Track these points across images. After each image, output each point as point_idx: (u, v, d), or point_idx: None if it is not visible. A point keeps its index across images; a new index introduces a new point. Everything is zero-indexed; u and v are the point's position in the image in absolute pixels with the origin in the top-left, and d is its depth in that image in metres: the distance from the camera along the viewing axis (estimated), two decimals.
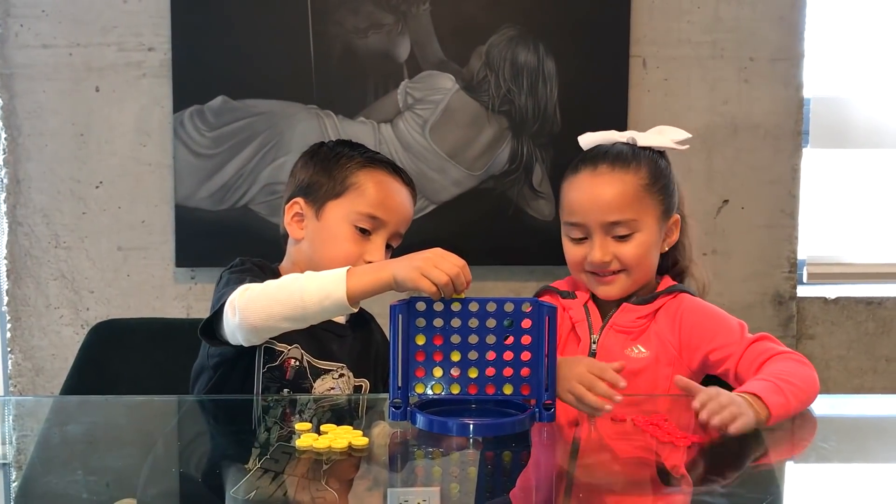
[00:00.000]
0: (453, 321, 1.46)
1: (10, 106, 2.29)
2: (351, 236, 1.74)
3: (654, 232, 1.74)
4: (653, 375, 1.72)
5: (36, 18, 2.27)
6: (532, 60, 2.32)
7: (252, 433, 1.54)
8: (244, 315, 1.54)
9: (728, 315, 1.74)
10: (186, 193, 2.31)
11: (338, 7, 2.28)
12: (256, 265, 1.74)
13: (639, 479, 1.40)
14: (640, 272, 1.74)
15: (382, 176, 1.78)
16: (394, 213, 1.76)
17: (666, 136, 1.80)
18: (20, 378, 2.36)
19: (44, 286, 2.34)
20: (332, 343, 1.75)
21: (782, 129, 2.41)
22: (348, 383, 1.75)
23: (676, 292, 1.76)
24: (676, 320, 1.73)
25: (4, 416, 1.69)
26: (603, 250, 1.72)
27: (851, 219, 2.59)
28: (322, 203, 1.75)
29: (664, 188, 1.77)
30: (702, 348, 1.70)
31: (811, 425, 1.60)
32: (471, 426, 1.44)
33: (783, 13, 2.38)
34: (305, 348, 1.71)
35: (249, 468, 1.36)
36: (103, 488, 1.33)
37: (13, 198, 2.32)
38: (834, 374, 2.50)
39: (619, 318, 1.76)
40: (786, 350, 1.65)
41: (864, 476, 1.47)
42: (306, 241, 1.77)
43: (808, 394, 1.57)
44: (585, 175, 1.75)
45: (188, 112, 2.29)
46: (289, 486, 1.31)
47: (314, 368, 1.72)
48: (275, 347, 1.69)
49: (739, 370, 1.66)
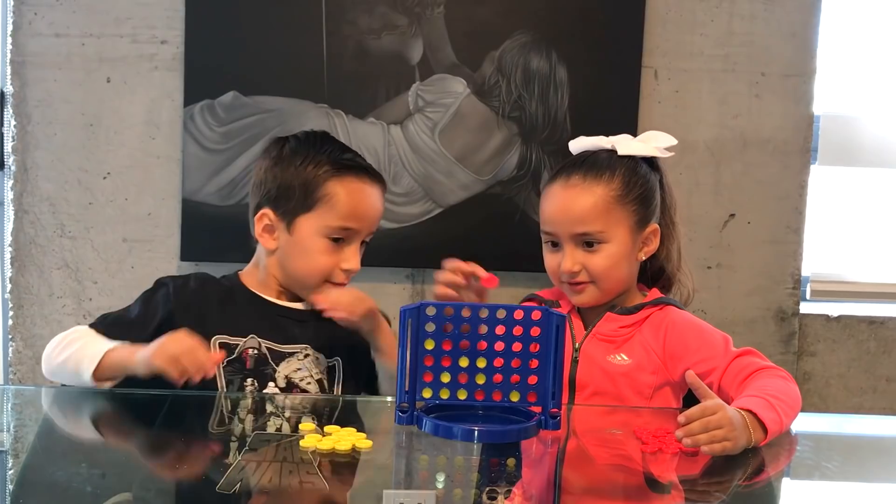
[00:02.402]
0: (462, 326, 1.46)
1: (20, 94, 2.29)
2: (325, 248, 1.73)
3: (624, 243, 1.74)
4: (634, 381, 1.73)
5: (50, 7, 2.27)
6: (544, 67, 2.33)
7: (226, 427, 1.55)
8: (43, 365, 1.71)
9: (713, 328, 1.75)
10: (194, 188, 2.31)
11: (352, 7, 2.28)
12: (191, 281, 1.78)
13: (637, 490, 1.40)
14: (609, 283, 1.75)
15: (352, 183, 1.74)
16: (366, 220, 1.76)
17: (650, 143, 1.80)
18: (20, 366, 2.35)
19: (47, 275, 2.34)
20: (294, 328, 1.76)
21: (791, 144, 2.41)
22: (317, 363, 1.75)
23: (663, 304, 1.77)
24: (661, 332, 1.74)
25: (4, 404, 1.68)
26: (572, 260, 1.73)
27: (857, 237, 2.59)
28: (292, 216, 1.73)
29: (639, 198, 1.76)
30: (685, 361, 1.71)
31: (797, 441, 1.60)
32: (476, 432, 1.44)
33: (796, 29, 2.38)
34: (263, 336, 1.73)
35: (231, 462, 1.36)
36: (101, 479, 1.33)
37: (20, 185, 2.32)
38: (834, 393, 2.50)
39: (601, 327, 1.77)
40: (770, 366, 1.65)
41: (864, 496, 1.47)
42: (279, 252, 1.76)
43: (795, 411, 1.58)
44: (559, 185, 1.76)
45: (199, 106, 2.29)
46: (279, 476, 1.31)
47: (275, 353, 1.73)
48: (229, 343, 1.72)
49: (723, 384, 1.66)
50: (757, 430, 1.48)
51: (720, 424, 1.44)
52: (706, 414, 1.44)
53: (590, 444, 1.58)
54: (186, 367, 1.54)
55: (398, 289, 2.39)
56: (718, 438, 1.43)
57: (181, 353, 1.54)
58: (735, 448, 1.44)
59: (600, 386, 1.74)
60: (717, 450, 1.43)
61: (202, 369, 1.55)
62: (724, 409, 1.46)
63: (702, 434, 1.42)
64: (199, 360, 1.55)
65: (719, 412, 1.45)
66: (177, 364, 1.54)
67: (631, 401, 1.73)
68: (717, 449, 1.43)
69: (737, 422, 1.46)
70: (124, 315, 1.76)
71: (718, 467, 1.43)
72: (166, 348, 1.55)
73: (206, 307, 1.74)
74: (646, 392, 1.73)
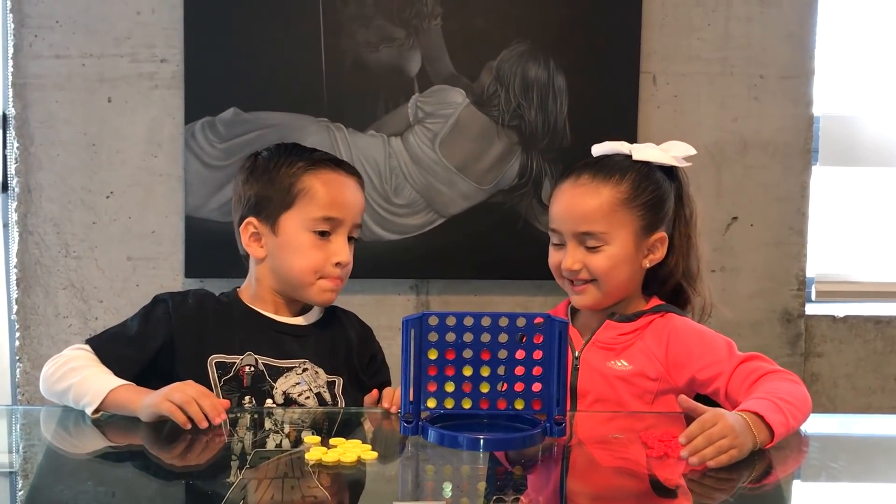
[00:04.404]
0: (465, 335, 1.46)
1: (22, 115, 2.30)
2: (312, 243, 1.73)
3: (626, 246, 1.74)
4: (634, 387, 1.72)
5: (50, 29, 2.28)
6: (542, 75, 2.33)
7: (230, 442, 1.54)
8: (40, 385, 1.71)
9: (715, 333, 1.74)
10: (197, 204, 2.31)
11: (350, 21, 2.29)
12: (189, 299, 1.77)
13: (643, 495, 1.40)
14: (610, 284, 1.75)
15: (327, 175, 1.76)
16: (348, 209, 1.75)
17: (668, 152, 1.81)
18: (28, 387, 2.36)
19: (53, 295, 2.35)
20: (291, 343, 1.76)
21: (792, 146, 2.41)
22: (316, 378, 1.75)
23: (664, 312, 1.77)
24: (664, 339, 1.73)
25: (12, 425, 1.69)
26: (573, 258, 1.74)
27: (860, 237, 2.59)
28: (275, 217, 1.74)
29: (647, 204, 1.76)
30: (689, 367, 1.70)
31: (806, 442, 1.60)
32: (481, 441, 1.44)
33: (793, 31, 2.38)
34: (261, 352, 1.73)
35: (232, 480, 1.36)
36: (110, 499, 1.33)
37: (24, 207, 2.33)
38: (842, 393, 2.49)
39: (601, 335, 1.77)
40: (778, 369, 1.64)
41: (872, 496, 1.46)
42: (269, 258, 1.76)
43: (805, 413, 1.57)
44: (568, 184, 1.78)
45: (199, 123, 2.30)
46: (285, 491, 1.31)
47: (273, 368, 1.73)
48: (226, 361, 1.71)
49: (730, 389, 1.65)
50: (762, 432, 1.47)
51: (723, 434, 1.42)
52: (706, 427, 1.43)
53: (595, 449, 1.57)
54: (193, 414, 1.54)
55: (402, 300, 2.39)
56: (724, 448, 1.42)
57: (187, 401, 1.54)
58: (742, 454, 1.43)
59: (601, 393, 1.73)
60: (725, 460, 1.41)
61: (211, 416, 1.54)
62: (723, 418, 1.45)
63: (707, 448, 1.41)
64: (208, 407, 1.54)
65: (719, 422, 1.44)
66: (186, 409, 1.54)
67: (632, 406, 1.72)
68: (724, 460, 1.41)
69: (739, 427, 1.45)
70: (122, 332, 1.75)
71: (725, 469, 1.42)
72: (173, 396, 1.55)
73: (203, 325, 1.74)
74: (647, 398, 1.73)
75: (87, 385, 1.63)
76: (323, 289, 1.74)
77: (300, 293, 1.76)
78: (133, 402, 1.60)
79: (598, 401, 1.73)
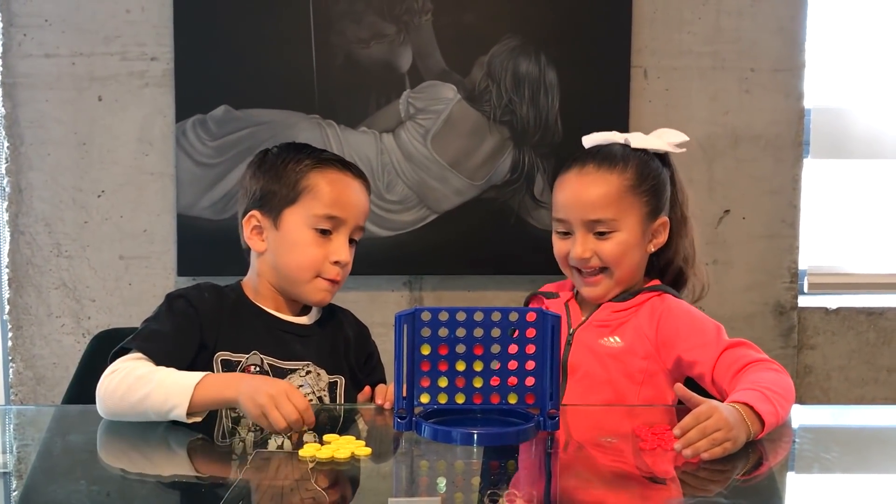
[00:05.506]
0: (458, 331, 1.46)
1: (12, 115, 2.30)
2: (313, 240, 1.73)
3: (635, 232, 1.77)
4: (624, 365, 1.74)
5: (39, 28, 2.28)
6: (533, 71, 2.33)
7: (228, 442, 1.53)
8: (101, 405, 1.59)
9: (706, 317, 1.76)
10: (188, 203, 2.31)
11: (340, 17, 2.29)
12: (205, 293, 1.73)
13: (637, 487, 1.40)
14: (621, 271, 1.77)
15: (334, 174, 1.76)
16: (351, 209, 1.75)
17: (662, 139, 1.85)
18: (21, 387, 2.36)
19: (45, 295, 2.34)
20: (295, 343, 1.75)
21: (783, 139, 2.41)
22: (318, 380, 1.74)
23: (661, 292, 1.79)
24: (655, 318, 1.76)
25: (5, 425, 1.68)
26: (584, 247, 1.76)
27: (852, 229, 2.60)
28: (278, 212, 1.74)
29: (651, 190, 1.79)
30: (676, 348, 1.72)
31: (799, 433, 1.60)
32: (475, 436, 1.44)
33: (784, 24, 2.39)
34: (266, 352, 1.72)
35: (233, 478, 1.36)
36: (105, 498, 1.33)
37: (15, 207, 2.32)
38: (835, 385, 2.50)
39: (598, 315, 1.80)
40: (764, 358, 1.66)
41: (866, 487, 1.47)
42: (269, 252, 1.76)
43: (790, 403, 1.58)
44: (573, 174, 1.80)
45: (190, 121, 2.29)
46: (282, 490, 1.31)
47: (277, 369, 1.72)
48: (231, 359, 1.71)
49: (715, 375, 1.66)
50: (754, 423, 1.48)
51: (717, 427, 1.43)
52: (701, 420, 1.44)
53: (589, 443, 1.58)
54: (293, 426, 1.48)
55: (396, 296, 2.39)
56: (719, 441, 1.42)
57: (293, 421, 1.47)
58: (736, 446, 1.44)
59: (591, 368, 1.75)
60: (719, 453, 1.42)
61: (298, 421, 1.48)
62: (717, 411, 1.45)
63: (701, 440, 1.42)
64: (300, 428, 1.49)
65: (714, 414, 1.44)
66: (290, 421, 1.48)
67: (621, 384, 1.74)
68: (718, 452, 1.42)
69: (733, 419, 1.45)
70: (159, 330, 1.66)
71: (718, 461, 1.42)
72: (282, 406, 1.47)
73: (218, 321, 1.72)
74: (637, 377, 1.74)
75: (166, 388, 1.54)
76: (318, 288, 1.74)
77: (296, 290, 1.76)
78: (227, 390, 1.53)
79: (586, 376, 1.75)
